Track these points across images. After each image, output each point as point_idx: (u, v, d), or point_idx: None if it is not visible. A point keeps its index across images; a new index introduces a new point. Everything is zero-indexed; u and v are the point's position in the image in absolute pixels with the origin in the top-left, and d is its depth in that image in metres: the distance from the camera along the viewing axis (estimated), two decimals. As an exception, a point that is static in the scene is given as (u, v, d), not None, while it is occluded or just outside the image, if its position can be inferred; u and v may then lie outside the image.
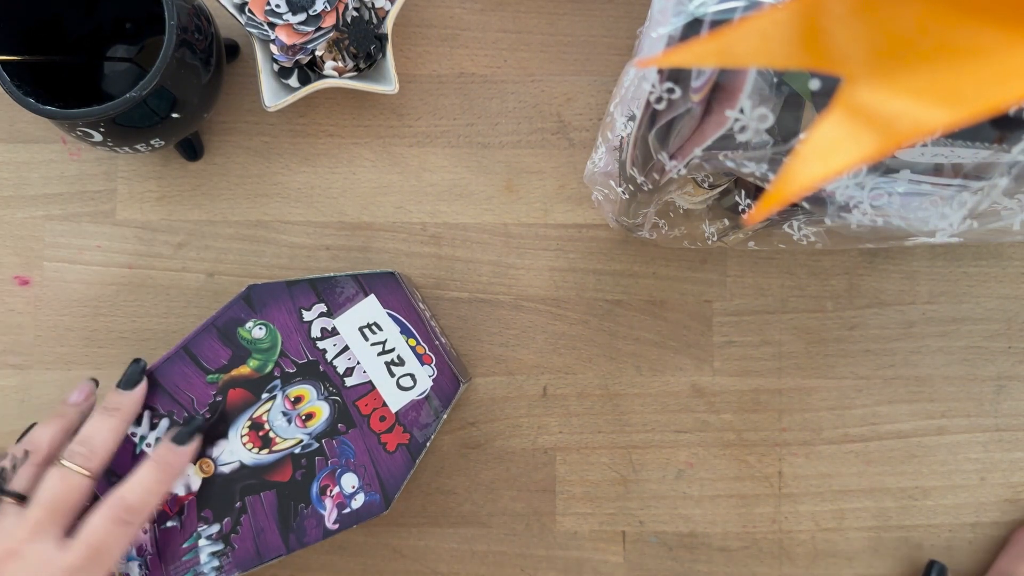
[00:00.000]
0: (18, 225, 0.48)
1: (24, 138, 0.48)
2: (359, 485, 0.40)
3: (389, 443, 0.41)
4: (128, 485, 0.37)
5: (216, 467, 0.41)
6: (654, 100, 0.34)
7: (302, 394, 0.41)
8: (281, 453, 0.41)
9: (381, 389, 0.41)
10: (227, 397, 0.41)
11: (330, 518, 0.40)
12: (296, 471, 0.41)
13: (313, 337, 0.41)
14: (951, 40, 0.18)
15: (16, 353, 0.48)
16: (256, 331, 0.41)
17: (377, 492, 0.41)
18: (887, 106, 0.17)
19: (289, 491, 0.41)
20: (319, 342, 0.41)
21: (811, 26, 0.19)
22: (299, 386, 0.41)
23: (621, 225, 0.45)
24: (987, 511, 0.48)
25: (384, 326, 0.41)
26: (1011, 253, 0.48)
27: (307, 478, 0.41)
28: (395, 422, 0.41)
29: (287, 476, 0.41)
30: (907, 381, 0.48)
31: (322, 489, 0.40)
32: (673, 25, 0.32)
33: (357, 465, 0.41)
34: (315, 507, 0.40)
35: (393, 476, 0.41)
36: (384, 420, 0.41)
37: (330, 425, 0.41)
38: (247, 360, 0.41)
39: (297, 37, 0.44)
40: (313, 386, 0.41)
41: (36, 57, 0.41)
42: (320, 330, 0.41)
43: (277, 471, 0.41)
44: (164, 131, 0.42)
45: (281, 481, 0.41)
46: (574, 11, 0.49)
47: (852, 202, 0.35)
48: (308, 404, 0.41)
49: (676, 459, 0.48)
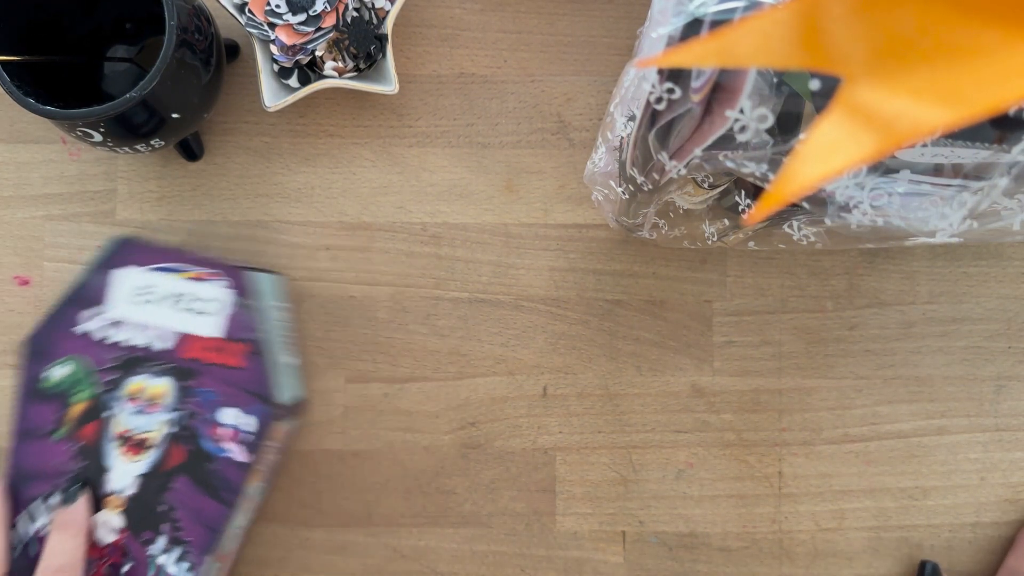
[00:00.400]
0: (18, 225, 0.48)
1: (24, 138, 0.48)
2: (239, 411, 0.41)
3: (233, 361, 0.41)
4: (46, 554, 0.38)
5: (122, 495, 0.41)
6: (654, 100, 0.34)
7: (137, 387, 0.41)
8: (161, 443, 0.41)
9: (192, 330, 0.41)
10: (83, 437, 0.41)
11: (239, 454, 0.41)
12: (184, 445, 0.41)
13: (105, 338, 0.41)
14: (951, 40, 0.18)
15: (16, 353, 0.48)
16: (57, 372, 0.41)
17: (256, 403, 0.41)
18: (887, 106, 0.17)
19: (191, 463, 0.41)
20: (114, 336, 0.41)
21: (811, 26, 0.19)
22: (129, 382, 0.41)
23: (621, 225, 0.45)
24: (987, 511, 0.48)
25: (151, 281, 0.41)
26: (1011, 253, 0.48)
27: (195, 441, 0.41)
28: (226, 342, 0.41)
29: (182, 455, 0.41)
30: (907, 381, 0.48)
31: (215, 439, 0.41)
32: (673, 25, 0.32)
33: (224, 398, 0.41)
34: (221, 457, 0.41)
35: (257, 381, 0.41)
36: (219, 350, 0.41)
37: (179, 390, 0.41)
38: (71, 399, 0.41)
39: (297, 37, 0.44)
40: (141, 374, 0.41)
41: (36, 57, 0.41)
42: (108, 327, 0.41)
43: (170, 458, 0.41)
44: (164, 131, 0.42)
45: (180, 462, 0.41)
46: (574, 11, 0.49)
47: (852, 202, 0.35)
48: (147, 390, 0.41)
49: (676, 459, 0.48)
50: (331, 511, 0.47)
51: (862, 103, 0.18)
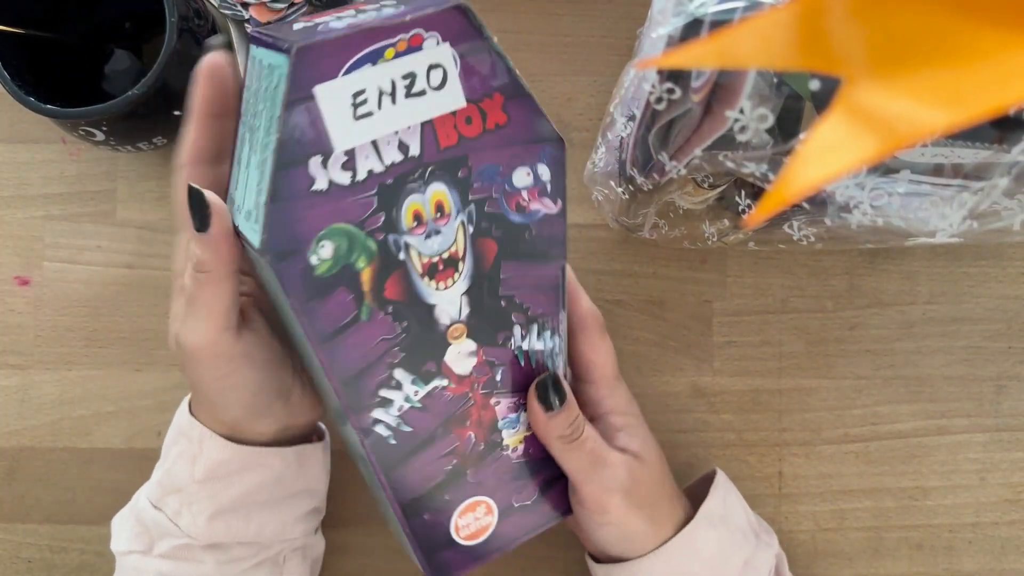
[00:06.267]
0: (18, 225, 0.48)
1: (24, 138, 0.48)
2: (527, 168, 0.34)
3: (492, 121, 0.32)
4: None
5: (460, 321, 0.35)
6: (654, 100, 0.34)
7: (412, 210, 0.33)
8: (469, 249, 0.34)
9: (432, 113, 0.31)
10: (391, 298, 0.33)
11: (550, 206, 0.35)
12: (492, 235, 0.34)
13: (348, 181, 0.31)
14: (952, 41, 0.18)
15: (16, 353, 0.48)
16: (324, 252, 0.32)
17: (539, 148, 0.34)
18: (888, 107, 0.17)
19: (509, 246, 0.34)
20: (357, 172, 0.31)
21: (811, 27, 0.19)
22: (402, 211, 0.32)
23: (621, 225, 0.45)
24: (987, 511, 0.48)
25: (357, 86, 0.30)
26: (1011, 253, 0.48)
27: (503, 223, 0.34)
28: (475, 105, 0.32)
29: (494, 246, 0.34)
30: (907, 381, 0.48)
31: (520, 208, 0.34)
32: (673, 26, 0.32)
33: (506, 165, 0.33)
34: (534, 222, 0.34)
35: (528, 127, 0.33)
36: (470, 119, 0.32)
37: (456, 186, 0.33)
38: (355, 268, 0.32)
39: (271, 14, 0.44)
40: (408, 195, 0.32)
41: (38, 32, 0.41)
42: (343, 167, 0.31)
43: (485, 255, 0.34)
44: (167, 129, 0.42)
45: (496, 252, 0.34)
46: (574, 11, 0.49)
47: (852, 202, 0.35)
48: (425, 206, 0.33)
49: (676, 459, 0.48)
50: (331, 511, 0.47)
51: (863, 104, 0.18)
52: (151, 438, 0.48)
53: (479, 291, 0.34)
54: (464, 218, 0.33)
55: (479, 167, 0.33)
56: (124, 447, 0.48)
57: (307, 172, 0.30)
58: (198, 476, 0.36)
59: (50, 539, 0.48)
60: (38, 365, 0.48)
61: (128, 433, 0.48)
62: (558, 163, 0.34)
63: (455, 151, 0.32)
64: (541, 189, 0.34)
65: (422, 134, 0.31)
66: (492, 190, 0.33)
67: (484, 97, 0.32)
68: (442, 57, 0.30)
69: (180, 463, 0.37)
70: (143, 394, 0.48)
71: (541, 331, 0.36)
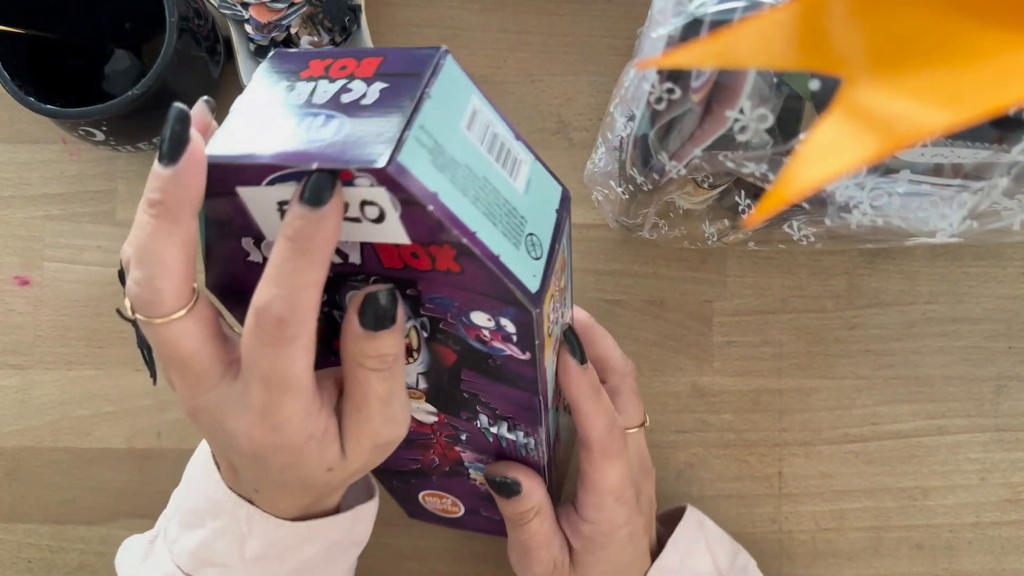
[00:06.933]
0: (18, 225, 0.48)
1: (24, 138, 0.48)
2: (487, 315, 0.29)
3: (443, 266, 0.27)
4: (257, 292, 0.26)
5: (418, 388, 0.32)
6: (654, 100, 0.34)
7: None
8: (424, 347, 0.31)
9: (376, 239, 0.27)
10: None
11: (517, 352, 0.30)
12: (449, 346, 0.31)
13: None
14: (951, 41, 0.18)
15: (16, 353, 0.48)
16: None
17: (502, 306, 0.28)
18: (887, 107, 0.17)
19: (469, 360, 0.31)
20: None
21: (811, 27, 0.19)
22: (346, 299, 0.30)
23: (621, 225, 0.45)
24: (987, 511, 0.48)
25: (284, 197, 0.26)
26: (1011, 253, 0.48)
27: (461, 342, 0.30)
28: (421, 247, 0.27)
29: (452, 355, 0.31)
30: (907, 381, 0.48)
31: (481, 340, 0.30)
32: (673, 25, 0.32)
33: (462, 304, 0.29)
34: (500, 356, 0.30)
35: (486, 283, 0.27)
36: (417, 256, 0.27)
37: (406, 300, 0.29)
38: None
39: (270, 15, 0.44)
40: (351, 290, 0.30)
41: (36, 32, 0.41)
42: None
43: (443, 358, 0.31)
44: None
45: (455, 360, 0.31)
46: (574, 11, 0.49)
47: (852, 202, 0.35)
48: None
49: (676, 459, 0.48)
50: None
51: (862, 104, 0.18)
52: (151, 438, 0.48)
53: (438, 378, 0.32)
54: (416, 324, 0.30)
55: (429, 295, 0.29)
56: (124, 447, 0.48)
57: (239, 246, 0.29)
58: (249, 556, 0.32)
59: (50, 539, 0.48)
60: (38, 365, 0.48)
61: (128, 433, 0.48)
62: (525, 325, 0.28)
63: (402, 273, 0.28)
64: (505, 336, 0.29)
65: (362, 250, 0.28)
66: (448, 316, 0.29)
67: (432, 244, 0.26)
68: (378, 197, 0.25)
69: (224, 541, 0.32)
70: (143, 394, 0.48)
71: (512, 429, 0.34)
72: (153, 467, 0.48)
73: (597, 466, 0.35)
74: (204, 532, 0.33)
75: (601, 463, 0.35)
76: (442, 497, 0.41)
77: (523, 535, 0.36)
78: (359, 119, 0.25)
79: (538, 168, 0.31)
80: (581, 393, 0.34)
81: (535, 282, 0.28)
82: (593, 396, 0.34)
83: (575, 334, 0.34)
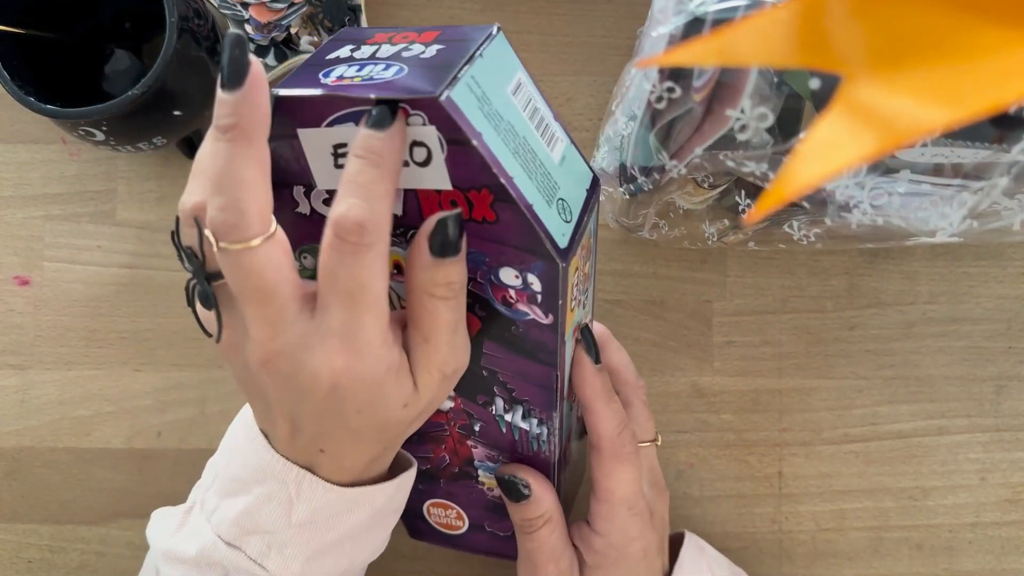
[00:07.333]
0: (18, 225, 0.48)
1: (24, 138, 0.48)
2: (514, 271, 0.30)
3: (479, 214, 0.29)
4: (333, 207, 0.27)
5: None
6: (655, 99, 0.34)
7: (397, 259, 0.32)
8: None
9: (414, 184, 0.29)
10: None
11: (541, 316, 0.31)
12: (475, 312, 0.32)
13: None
14: (951, 39, 0.18)
15: (16, 353, 0.48)
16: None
17: (530, 259, 0.29)
18: (887, 105, 0.17)
19: (492, 328, 0.32)
20: None
21: (811, 25, 0.19)
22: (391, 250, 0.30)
23: (621, 225, 0.45)
24: (987, 511, 0.48)
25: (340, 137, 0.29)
26: (1011, 253, 0.48)
27: (487, 306, 0.31)
28: (461, 192, 0.28)
29: (477, 322, 0.32)
30: (907, 381, 0.48)
31: (507, 302, 0.31)
32: (674, 24, 0.32)
33: (492, 258, 0.30)
34: (522, 320, 0.31)
35: (518, 233, 0.29)
36: (455, 205, 0.29)
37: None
38: None
39: (270, 15, 0.44)
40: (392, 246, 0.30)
41: (36, 32, 0.41)
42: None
43: (468, 326, 0.32)
44: (167, 129, 0.42)
45: (479, 328, 0.32)
46: (574, 11, 0.49)
47: (852, 202, 0.35)
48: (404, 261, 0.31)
49: (676, 459, 0.48)
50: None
51: (862, 102, 0.18)
52: (151, 438, 0.48)
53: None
54: None
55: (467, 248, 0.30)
56: (124, 447, 0.48)
57: (291, 195, 0.30)
58: (296, 521, 0.32)
59: (50, 539, 0.48)
60: (38, 365, 0.48)
61: (128, 433, 0.48)
62: (551, 280, 0.30)
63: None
64: (530, 297, 0.30)
65: (405, 198, 0.29)
66: (477, 274, 0.30)
67: (472, 189, 0.28)
68: (427, 137, 0.27)
69: (270, 506, 0.32)
70: (143, 394, 0.48)
71: (527, 416, 0.34)
72: (153, 467, 0.48)
73: (607, 470, 0.35)
74: (248, 499, 0.32)
75: (611, 466, 0.35)
76: (447, 508, 0.41)
77: (531, 544, 0.36)
78: (417, 68, 0.27)
79: (572, 151, 0.32)
80: (594, 392, 0.34)
81: (564, 240, 0.29)
82: (605, 397, 0.35)
83: (592, 334, 0.34)
